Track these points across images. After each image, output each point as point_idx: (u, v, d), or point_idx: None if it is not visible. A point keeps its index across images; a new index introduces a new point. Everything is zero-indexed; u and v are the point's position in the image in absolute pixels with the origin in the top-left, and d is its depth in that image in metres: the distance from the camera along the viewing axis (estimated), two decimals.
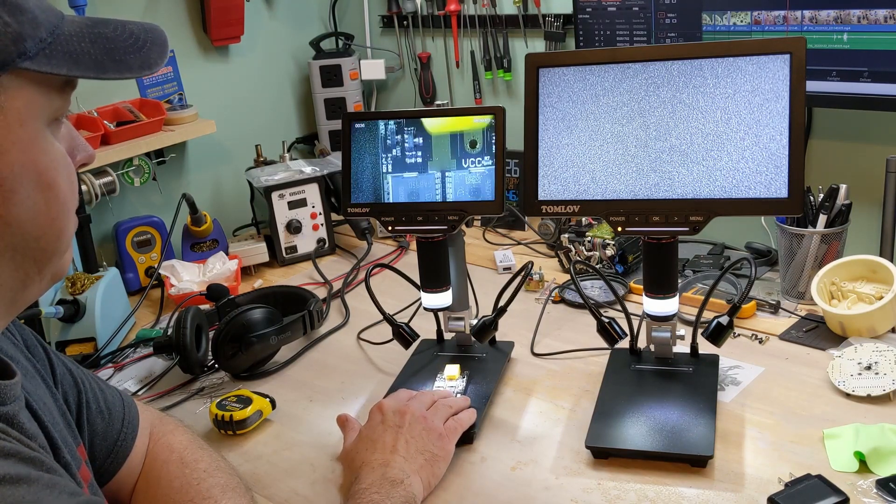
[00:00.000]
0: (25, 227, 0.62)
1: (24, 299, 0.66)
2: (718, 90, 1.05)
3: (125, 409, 0.93)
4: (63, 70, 0.61)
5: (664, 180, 1.08)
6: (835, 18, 1.38)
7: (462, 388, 1.21)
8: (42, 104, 0.62)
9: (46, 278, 0.66)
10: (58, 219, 0.64)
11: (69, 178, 0.65)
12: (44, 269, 0.65)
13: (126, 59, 0.65)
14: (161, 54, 0.69)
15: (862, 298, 1.32)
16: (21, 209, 0.61)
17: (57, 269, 0.67)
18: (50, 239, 0.64)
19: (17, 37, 0.58)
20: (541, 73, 1.13)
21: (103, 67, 0.64)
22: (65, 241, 0.66)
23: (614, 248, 1.59)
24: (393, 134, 1.22)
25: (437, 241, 1.22)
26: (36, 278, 0.65)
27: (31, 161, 0.61)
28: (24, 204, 0.61)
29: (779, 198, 1.04)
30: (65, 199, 0.65)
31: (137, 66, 0.66)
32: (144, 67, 0.67)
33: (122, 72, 0.65)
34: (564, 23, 1.89)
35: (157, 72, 0.69)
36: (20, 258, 0.63)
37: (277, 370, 1.38)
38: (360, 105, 2.25)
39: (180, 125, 1.87)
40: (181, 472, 0.91)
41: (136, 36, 0.67)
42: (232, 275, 1.71)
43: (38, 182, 0.62)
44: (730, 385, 1.20)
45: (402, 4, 2.18)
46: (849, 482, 0.96)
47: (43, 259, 0.65)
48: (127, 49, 0.66)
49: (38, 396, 0.75)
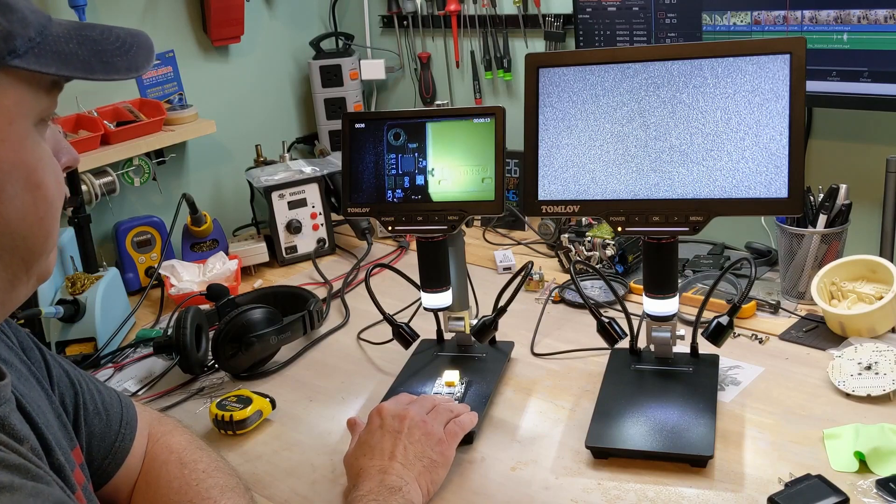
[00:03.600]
0: (14, 226, 0.62)
1: (12, 301, 0.66)
2: (718, 90, 1.05)
3: (123, 410, 0.92)
4: (52, 69, 0.61)
5: (664, 180, 1.08)
6: (835, 18, 1.38)
7: (460, 395, 1.21)
8: (31, 103, 0.62)
9: (33, 279, 0.67)
10: (45, 218, 0.64)
11: (56, 178, 0.66)
12: (31, 269, 0.66)
13: (113, 62, 0.66)
14: (147, 58, 0.69)
15: (862, 298, 1.32)
16: (9, 208, 0.61)
17: (43, 269, 0.67)
18: (38, 239, 0.64)
19: (7, 35, 0.58)
20: (541, 73, 1.13)
21: (91, 68, 0.64)
22: (51, 242, 0.67)
23: (614, 248, 1.59)
24: (393, 134, 1.22)
25: (437, 241, 1.22)
26: (24, 278, 0.65)
27: (21, 160, 0.61)
28: (12, 203, 0.61)
29: (779, 198, 1.04)
30: (52, 199, 0.65)
31: (124, 69, 0.67)
32: (131, 70, 0.67)
33: (109, 73, 0.65)
34: (564, 23, 1.89)
35: (144, 75, 0.68)
36: (8, 258, 0.63)
37: (277, 370, 1.38)
38: (360, 105, 2.25)
39: (180, 125, 1.87)
40: (180, 472, 0.91)
41: (122, 40, 0.67)
42: (232, 275, 1.71)
43: (26, 181, 0.62)
44: (730, 385, 1.20)
45: (402, 4, 2.18)
46: (849, 482, 0.96)
47: (31, 259, 0.65)
48: (114, 52, 0.66)
49: (32, 398, 0.75)
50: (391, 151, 1.22)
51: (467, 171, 1.19)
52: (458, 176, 1.19)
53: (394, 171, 1.21)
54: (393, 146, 1.22)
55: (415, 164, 1.21)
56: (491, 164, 1.18)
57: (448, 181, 1.20)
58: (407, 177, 1.21)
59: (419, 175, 1.20)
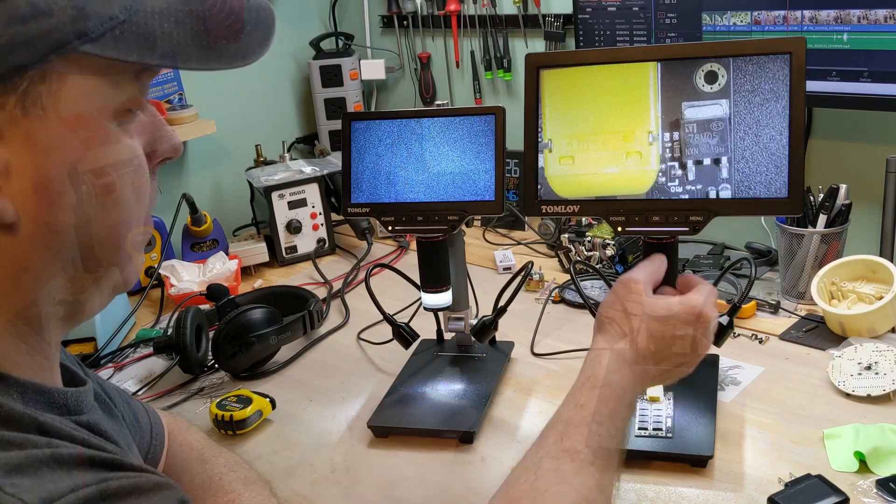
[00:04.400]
0: (77, 234, 0.54)
1: (83, 312, 0.60)
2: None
3: (151, 420, 0.91)
4: (133, 56, 0.51)
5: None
6: (835, 18, 1.38)
7: (671, 411, 1.11)
8: (106, 94, 0.53)
9: (106, 291, 0.59)
10: (116, 227, 0.56)
11: (136, 180, 0.57)
12: (101, 280, 0.58)
13: (216, 46, 0.54)
14: (263, 42, 0.58)
15: (862, 298, 1.32)
16: (72, 216, 0.53)
17: (118, 281, 0.60)
18: (105, 249, 0.56)
19: (79, 14, 0.49)
20: (541, 73, 1.13)
21: (185, 55, 0.53)
22: (125, 253, 0.58)
23: (614, 248, 1.59)
24: (393, 134, 1.22)
25: (437, 241, 1.22)
26: (94, 291, 0.58)
27: (88, 162, 0.53)
28: (75, 210, 0.53)
29: (779, 198, 1.04)
30: (126, 206, 0.56)
31: (229, 56, 0.55)
32: (237, 58, 0.56)
33: (208, 62, 0.55)
34: (564, 23, 1.89)
35: (253, 62, 0.57)
36: (71, 269, 0.56)
37: (277, 370, 1.38)
38: (360, 105, 2.25)
39: (180, 125, 1.87)
40: (202, 468, 0.91)
41: (236, 15, 0.55)
42: (232, 275, 1.71)
43: (94, 185, 0.53)
44: (730, 385, 1.20)
45: (402, 4, 2.18)
46: (849, 482, 0.96)
47: (98, 270, 0.57)
48: (221, 32, 0.55)
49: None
50: (391, 151, 1.22)
51: (467, 171, 1.19)
52: (459, 176, 1.19)
53: (394, 171, 1.21)
54: (393, 146, 1.22)
55: (415, 164, 1.21)
56: (491, 164, 1.18)
57: (448, 181, 1.20)
58: (407, 177, 1.21)
59: (419, 175, 1.20)
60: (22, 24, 0.48)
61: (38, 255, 0.54)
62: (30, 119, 0.50)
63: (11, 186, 0.51)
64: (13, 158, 0.51)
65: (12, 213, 0.51)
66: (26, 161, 0.51)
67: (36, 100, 0.50)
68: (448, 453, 1.12)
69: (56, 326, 0.59)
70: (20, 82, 0.49)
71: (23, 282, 0.54)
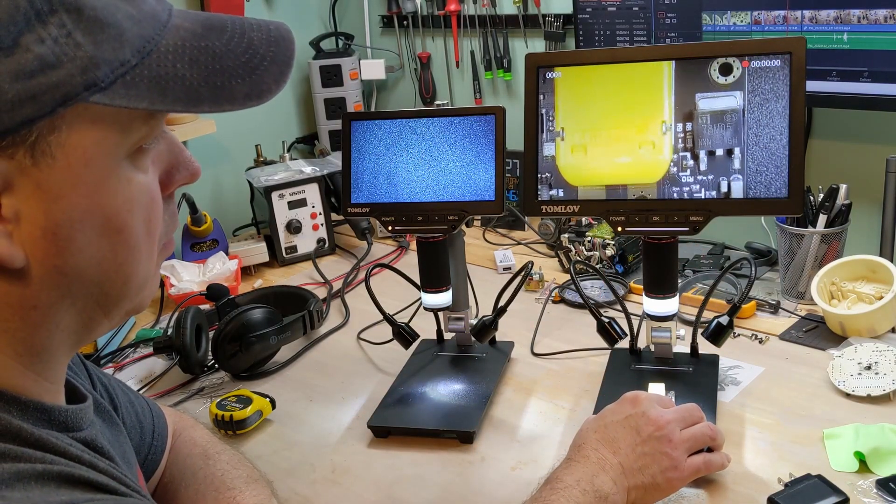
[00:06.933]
0: (86, 274, 0.54)
1: (91, 337, 0.60)
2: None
3: (154, 420, 0.92)
4: (143, 104, 0.51)
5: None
6: (835, 18, 1.38)
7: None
8: (116, 140, 0.53)
9: (116, 318, 0.60)
10: (125, 264, 0.56)
11: (147, 216, 0.56)
12: (111, 311, 0.59)
13: (230, 85, 0.53)
14: (278, 79, 0.56)
15: (862, 298, 1.32)
16: (80, 258, 0.53)
17: (129, 308, 0.60)
18: (115, 284, 0.57)
19: (88, 64, 0.49)
20: (541, 73, 1.13)
21: (197, 98, 0.52)
22: (134, 286, 0.58)
23: (614, 248, 1.59)
24: (393, 134, 1.22)
25: (437, 241, 1.22)
26: (103, 321, 0.59)
27: (97, 205, 0.53)
28: (84, 252, 0.53)
29: (779, 198, 1.04)
30: (136, 243, 0.56)
31: (242, 96, 0.54)
32: (252, 97, 0.54)
33: (220, 103, 0.53)
34: (564, 23, 1.89)
35: (268, 101, 0.55)
36: (81, 304, 0.56)
37: (277, 370, 1.38)
38: (360, 105, 2.25)
39: (180, 125, 1.87)
40: (205, 464, 0.92)
41: (253, 50, 0.55)
42: (232, 275, 1.71)
43: (103, 227, 0.54)
44: (730, 385, 1.20)
45: (402, 4, 2.18)
46: (849, 482, 0.96)
47: (108, 303, 0.58)
48: (236, 70, 0.54)
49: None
50: (391, 151, 1.22)
51: (467, 170, 1.19)
52: (458, 176, 1.19)
53: (394, 171, 1.21)
54: (393, 146, 1.22)
55: (415, 164, 1.21)
56: (491, 164, 1.18)
57: (448, 181, 1.20)
58: (407, 177, 1.21)
59: (419, 175, 1.20)
60: (29, 79, 0.48)
61: (47, 295, 0.54)
62: (40, 168, 0.50)
63: (21, 233, 0.51)
64: (23, 206, 0.51)
65: (22, 259, 0.52)
66: (36, 208, 0.51)
67: (45, 150, 0.50)
68: (448, 453, 1.12)
69: (65, 353, 0.60)
70: (29, 134, 0.49)
71: (31, 319, 0.55)
